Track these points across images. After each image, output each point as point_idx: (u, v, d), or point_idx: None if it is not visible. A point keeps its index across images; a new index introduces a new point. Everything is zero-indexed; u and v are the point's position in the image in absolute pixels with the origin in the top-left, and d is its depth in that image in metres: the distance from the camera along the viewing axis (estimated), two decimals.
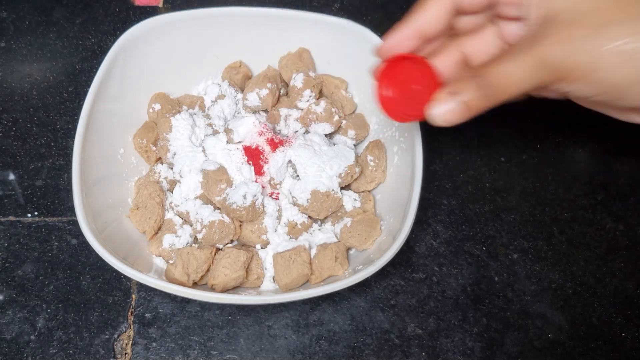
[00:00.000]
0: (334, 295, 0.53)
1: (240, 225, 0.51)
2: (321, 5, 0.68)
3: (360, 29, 0.55)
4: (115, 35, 0.63)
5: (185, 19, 0.56)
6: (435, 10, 0.38)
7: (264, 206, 0.51)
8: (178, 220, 0.53)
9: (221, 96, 0.57)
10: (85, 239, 0.46)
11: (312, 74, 0.56)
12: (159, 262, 0.51)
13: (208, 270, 0.50)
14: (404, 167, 0.52)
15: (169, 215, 0.53)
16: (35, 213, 0.56)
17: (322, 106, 0.54)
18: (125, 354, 0.51)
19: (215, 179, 0.50)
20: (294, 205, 0.52)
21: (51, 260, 0.54)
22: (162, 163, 0.55)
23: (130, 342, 0.51)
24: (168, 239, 0.51)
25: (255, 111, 0.57)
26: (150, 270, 0.50)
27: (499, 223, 0.57)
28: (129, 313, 0.52)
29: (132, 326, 0.52)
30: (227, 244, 0.51)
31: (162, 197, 0.52)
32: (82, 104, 0.51)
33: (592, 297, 0.54)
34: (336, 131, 0.56)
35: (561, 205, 0.59)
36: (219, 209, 0.51)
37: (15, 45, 0.65)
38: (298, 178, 0.52)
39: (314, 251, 0.51)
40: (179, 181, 0.53)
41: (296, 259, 0.49)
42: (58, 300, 0.52)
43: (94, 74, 0.52)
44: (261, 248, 0.52)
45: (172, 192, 0.53)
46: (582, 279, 0.55)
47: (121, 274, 0.51)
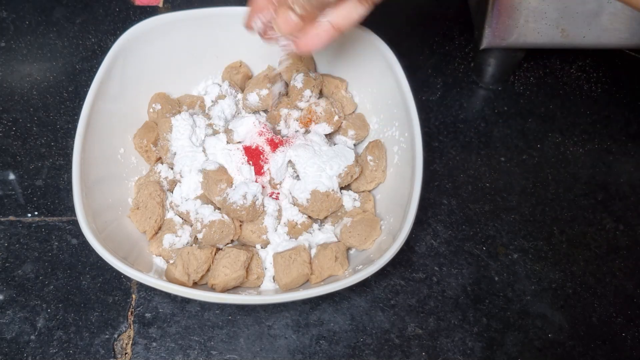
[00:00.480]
0: (334, 295, 0.53)
1: (240, 225, 0.51)
2: None
3: (360, 29, 0.55)
4: (115, 35, 0.63)
5: (185, 19, 0.56)
6: None
7: (264, 206, 0.51)
8: (178, 220, 0.53)
9: (221, 96, 0.57)
10: (85, 239, 0.46)
11: (312, 74, 0.56)
12: (159, 262, 0.51)
13: (208, 270, 0.50)
14: (404, 167, 0.52)
15: (169, 215, 0.53)
16: (35, 213, 0.56)
17: (322, 106, 0.54)
18: (125, 353, 0.51)
19: (216, 179, 0.50)
20: (294, 205, 0.52)
21: (51, 260, 0.54)
22: (162, 163, 0.55)
23: (130, 342, 0.51)
24: (168, 239, 0.51)
25: (255, 111, 0.57)
26: (150, 270, 0.50)
27: (499, 223, 0.57)
28: (129, 313, 0.52)
29: (132, 326, 0.52)
30: (227, 244, 0.51)
31: (163, 197, 0.52)
32: (82, 104, 0.51)
33: (592, 297, 0.54)
34: (336, 131, 0.56)
35: (561, 205, 0.59)
36: (219, 209, 0.51)
37: (15, 45, 0.65)
38: (298, 178, 0.52)
39: (314, 251, 0.51)
40: (179, 181, 0.53)
41: (296, 258, 0.49)
42: (58, 300, 0.52)
43: (94, 74, 0.52)
44: (261, 248, 0.52)
45: (172, 192, 0.53)
46: (582, 279, 0.55)
47: (121, 274, 0.51)
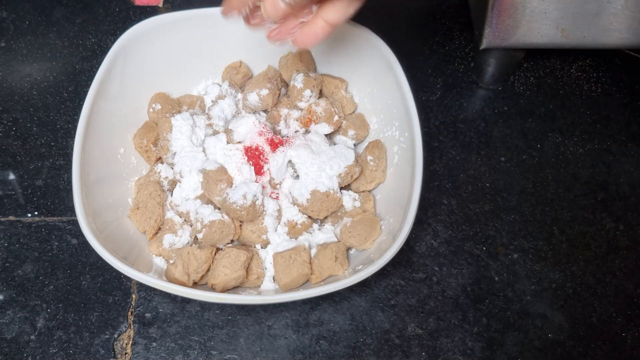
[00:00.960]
0: (334, 295, 0.53)
1: (240, 225, 0.51)
2: None
3: (361, 29, 0.55)
4: (115, 35, 0.63)
5: (185, 19, 0.56)
6: None
7: (263, 206, 0.51)
8: (178, 220, 0.53)
9: (221, 96, 0.57)
10: (85, 239, 0.46)
11: (312, 74, 0.56)
12: (159, 262, 0.51)
13: (208, 270, 0.50)
14: (404, 167, 0.52)
15: (169, 215, 0.53)
16: (35, 213, 0.56)
17: (322, 106, 0.54)
18: (125, 353, 0.51)
19: (216, 179, 0.50)
20: (294, 205, 0.52)
21: (51, 260, 0.54)
22: (162, 163, 0.55)
23: (130, 342, 0.51)
24: (168, 239, 0.51)
25: (255, 111, 0.57)
26: (150, 270, 0.50)
27: (499, 223, 0.57)
28: (129, 313, 0.52)
29: (132, 326, 0.52)
30: (227, 244, 0.51)
31: (163, 197, 0.52)
32: (82, 104, 0.51)
33: (592, 297, 0.54)
34: (336, 131, 0.56)
35: (561, 205, 0.59)
36: (219, 208, 0.51)
37: (15, 45, 0.65)
38: (298, 178, 0.52)
39: (314, 251, 0.51)
40: (179, 181, 0.53)
41: (296, 258, 0.49)
42: (58, 300, 0.52)
43: (94, 74, 0.52)
44: (261, 248, 0.52)
45: (172, 192, 0.53)
46: (582, 279, 0.55)
47: (121, 274, 0.51)
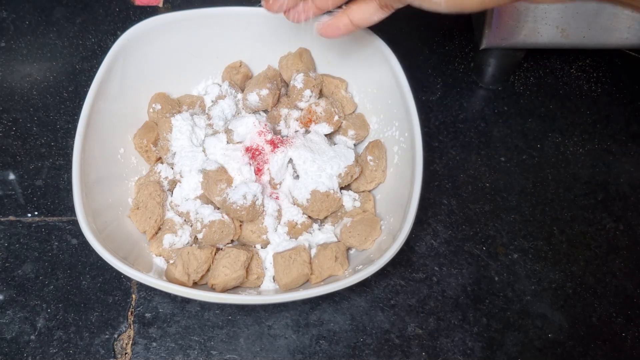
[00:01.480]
0: (334, 295, 0.53)
1: (241, 225, 0.51)
2: None
3: (361, 29, 0.55)
4: (115, 35, 0.63)
5: (185, 19, 0.56)
6: None
7: (264, 206, 0.51)
8: (178, 220, 0.53)
9: (221, 96, 0.57)
10: (85, 239, 0.46)
11: (312, 74, 0.56)
12: (159, 262, 0.51)
13: (208, 270, 0.50)
14: (404, 167, 0.52)
15: (170, 215, 0.53)
16: (35, 213, 0.56)
17: (322, 106, 0.54)
18: (125, 353, 0.51)
19: (216, 179, 0.50)
20: (294, 205, 0.52)
21: (51, 260, 0.54)
22: (162, 163, 0.55)
23: (130, 342, 0.51)
24: (168, 239, 0.51)
25: (255, 111, 0.57)
26: (150, 270, 0.50)
27: (499, 223, 0.57)
28: (129, 313, 0.52)
29: (132, 326, 0.52)
30: (227, 244, 0.51)
31: (163, 197, 0.52)
32: (82, 104, 0.51)
33: (592, 297, 0.54)
34: (336, 131, 0.56)
35: (561, 205, 0.59)
36: (219, 208, 0.51)
37: (15, 45, 0.65)
38: (298, 178, 0.52)
39: (314, 251, 0.51)
40: (179, 181, 0.53)
41: (296, 258, 0.49)
42: (58, 300, 0.52)
43: (94, 74, 0.52)
44: (261, 248, 0.52)
45: (172, 192, 0.53)
46: (582, 279, 0.55)
47: (121, 274, 0.51)
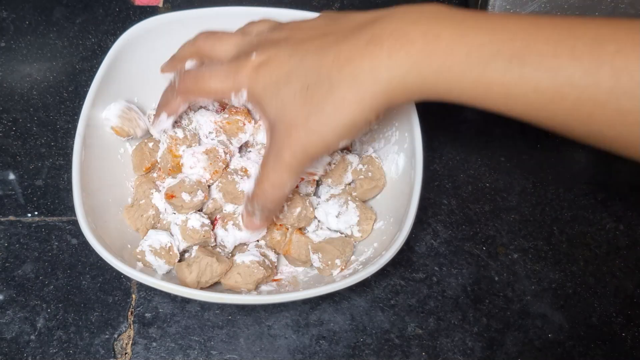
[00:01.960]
0: (334, 295, 0.53)
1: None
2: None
3: None
4: (115, 35, 0.63)
5: (185, 19, 0.56)
6: None
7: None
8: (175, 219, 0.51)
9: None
10: (85, 239, 0.46)
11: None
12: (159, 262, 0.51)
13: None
14: (404, 167, 0.52)
15: (171, 217, 0.52)
16: (35, 213, 0.56)
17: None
18: (125, 353, 0.51)
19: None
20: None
21: (51, 260, 0.54)
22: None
23: (130, 342, 0.51)
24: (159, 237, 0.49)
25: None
26: (150, 270, 0.50)
27: (499, 223, 0.57)
28: (129, 313, 0.52)
29: (132, 326, 0.52)
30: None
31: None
32: (82, 104, 0.51)
33: (592, 297, 0.54)
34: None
35: (561, 205, 0.59)
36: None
37: (15, 45, 0.65)
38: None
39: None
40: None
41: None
42: (58, 300, 0.52)
43: (94, 73, 0.52)
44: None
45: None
46: (582, 278, 0.55)
47: (121, 274, 0.51)
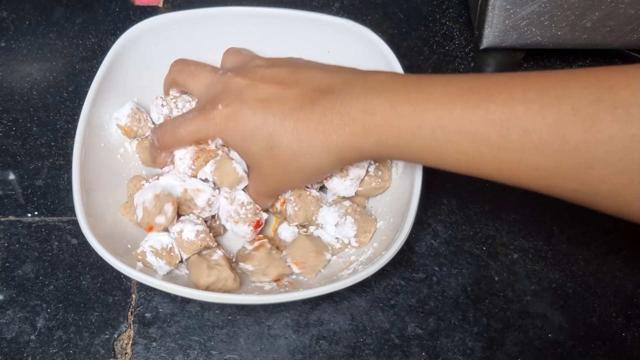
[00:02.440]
0: (334, 295, 0.53)
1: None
2: (321, 5, 0.68)
3: (361, 29, 0.55)
4: (115, 35, 0.63)
5: (185, 19, 0.56)
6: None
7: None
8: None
9: None
10: (85, 239, 0.46)
11: None
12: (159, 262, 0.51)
13: None
14: (404, 167, 0.52)
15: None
16: (35, 213, 0.56)
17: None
18: (125, 353, 0.51)
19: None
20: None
21: (51, 260, 0.54)
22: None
23: (131, 342, 0.51)
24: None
25: None
26: (150, 270, 0.50)
27: (499, 223, 0.57)
28: (129, 313, 0.52)
29: (132, 326, 0.52)
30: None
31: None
32: (82, 104, 0.51)
33: (592, 297, 0.54)
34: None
35: (561, 205, 0.58)
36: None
37: (15, 45, 0.65)
38: None
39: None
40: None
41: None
42: (58, 300, 0.52)
43: (94, 73, 0.52)
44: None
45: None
46: (582, 278, 0.55)
47: (121, 274, 0.51)
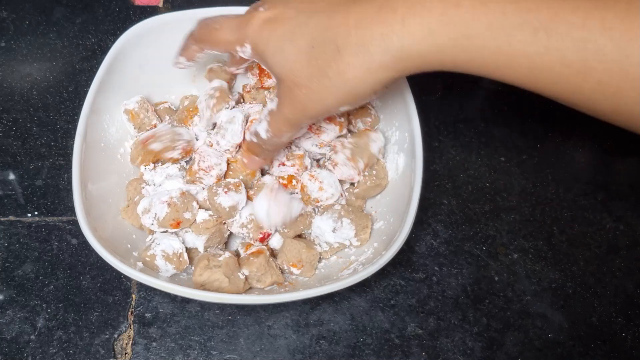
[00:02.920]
0: (334, 295, 0.53)
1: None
2: None
3: None
4: (115, 35, 0.63)
5: (185, 19, 0.56)
6: None
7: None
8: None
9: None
10: (85, 239, 0.46)
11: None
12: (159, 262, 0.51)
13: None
14: (404, 167, 0.52)
15: None
16: (35, 213, 0.56)
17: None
18: (125, 353, 0.51)
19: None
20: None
21: (51, 260, 0.54)
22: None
23: (131, 342, 0.51)
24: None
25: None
26: (150, 270, 0.50)
27: (499, 223, 0.57)
28: (129, 313, 0.52)
29: (132, 326, 0.52)
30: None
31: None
32: (82, 104, 0.51)
33: (592, 297, 0.54)
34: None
35: (561, 205, 0.59)
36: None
37: (15, 45, 0.65)
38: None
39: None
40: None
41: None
42: (58, 300, 0.52)
43: (94, 73, 0.52)
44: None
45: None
46: (582, 278, 0.55)
47: (121, 274, 0.51)
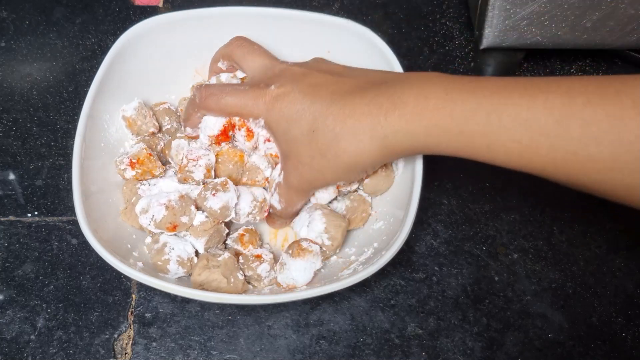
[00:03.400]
0: (334, 295, 0.53)
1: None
2: (321, 5, 0.68)
3: (361, 29, 0.55)
4: (115, 35, 0.63)
5: (185, 19, 0.56)
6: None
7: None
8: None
9: None
10: (85, 239, 0.46)
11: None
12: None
13: None
14: (404, 167, 0.52)
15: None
16: (35, 213, 0.56)
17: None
18: (125, 353, 0.51)
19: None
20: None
21: (51, 260, 0.54)
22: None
23: (130, 342, 0.51)
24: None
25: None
26: (150, 270, 0.50)
27: (499, 223, 0.57)
28: (129, 313, 0.52)
29: (132, 326, 0.52)
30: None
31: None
32: (82, 104, 0.51)
33: (592, 297, 0.54)
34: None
35: (561, 205, 0.59)
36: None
37: (15, 45, 0.65)
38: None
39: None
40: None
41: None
42: (58, 300, 0.52)
43: (94, 73, 0.52)
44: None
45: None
46: (582, 278, 0.55)
47: (121, 274, 0.51)
